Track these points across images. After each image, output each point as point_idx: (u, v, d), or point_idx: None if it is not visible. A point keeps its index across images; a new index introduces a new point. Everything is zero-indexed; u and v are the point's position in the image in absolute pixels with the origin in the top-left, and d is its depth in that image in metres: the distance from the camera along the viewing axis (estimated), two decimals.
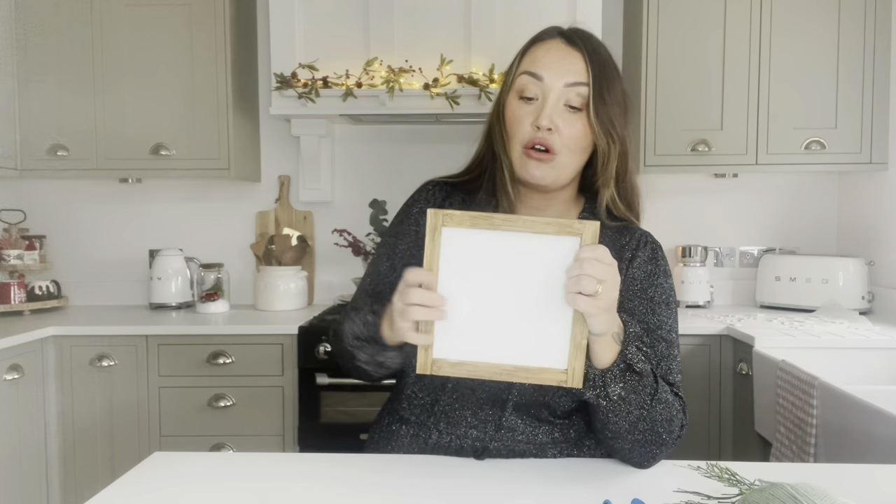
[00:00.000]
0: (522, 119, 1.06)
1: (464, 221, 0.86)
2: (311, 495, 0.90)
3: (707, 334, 2.26)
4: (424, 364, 0.88)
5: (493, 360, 0.87)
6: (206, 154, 2.54)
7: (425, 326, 0.88)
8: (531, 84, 1.06)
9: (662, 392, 0.98)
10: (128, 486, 0.93)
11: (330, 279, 2.87)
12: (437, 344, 0.88)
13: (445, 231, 0.86)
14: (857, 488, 0.92)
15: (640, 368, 0.94)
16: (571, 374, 0.87)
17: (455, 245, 0.86)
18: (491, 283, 0.87)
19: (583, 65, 1.05)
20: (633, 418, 0.96)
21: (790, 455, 1.73)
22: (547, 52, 1.08)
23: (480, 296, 0.87)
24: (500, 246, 0.86)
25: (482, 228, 0.86)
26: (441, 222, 0.86)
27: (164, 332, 2.31)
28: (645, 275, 1.09)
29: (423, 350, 0.88)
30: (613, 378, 0.93)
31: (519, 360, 0.87)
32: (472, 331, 0.88)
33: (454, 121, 2.64)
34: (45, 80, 2.54)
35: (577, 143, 1.06)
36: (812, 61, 2.43)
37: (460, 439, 1.06)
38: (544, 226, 0.86)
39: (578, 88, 1.04)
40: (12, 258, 2.62)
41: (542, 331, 0.87)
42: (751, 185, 2.82)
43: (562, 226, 0.86)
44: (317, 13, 2.47)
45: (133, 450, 2.30)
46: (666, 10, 2.45)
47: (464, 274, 0.87)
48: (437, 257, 0.86)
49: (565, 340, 0.87)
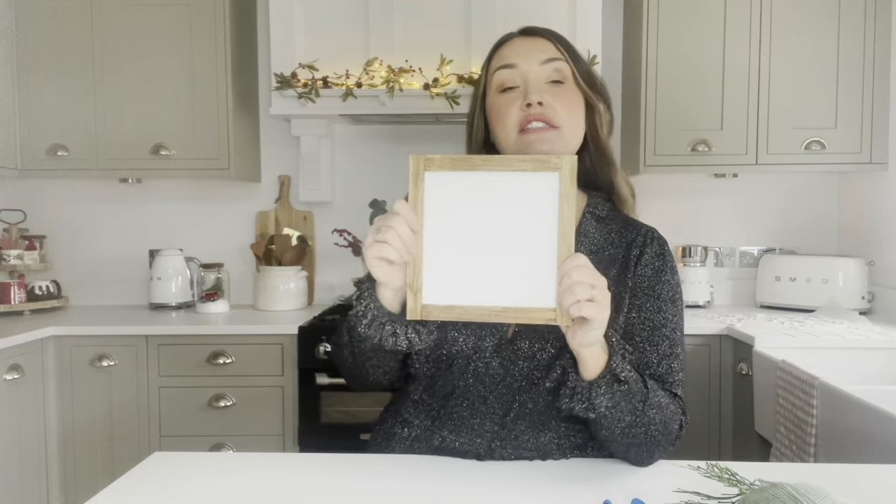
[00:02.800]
0: (509, 107, 1.08)
1: (444, 164, 0.87)
2: (311, 495, 0.90)
3: (707, 334, 2.26)
4: (414, 309, 0.88)
5: (482, 303, 0.87)
6: (206, 154, 2.55)
7: (413, 270, 0.87)
8: (508, 75, 1.10)
9: (655, 396, 0.97)
10: (128, 486, 0.93)
11: (330, 279, 2.87)
12: (426, 289, 0.88)
13: (428, 175, 0.87)
14: (857, 488, 0.92)
15: (626, 377, 0.92)
16: (559, 310, 0.87)
17: (437, 189, 0.87)
18: (475, 225, 0.87)
19: (551, 45, 1.11)
20: (626, 424, 0.95)
21: (790, 455, 1.73)
22: (512, 47, 1.13)
23: (465, 238, 0.88)
24: (482, 186, 0.87)
25: (463, 170, 0.87)
26: (423, 167, 0.87)
27: (164, 332, 2.31)
28: (653, 271, 1.09)
29: (413, 294, 0.87)
30: (600, 391, 0.91)
31: (508, 300, 0.87)
32: (460, 274, 0.88)
33: (454, 121, 2.64)
34: (45, 80, 2.54)
35: (571, 113, 1.09)
36: (812, 61, 2.43)
37: (464, 445, 1.05)
38: (522, 163, 0.87)
39: (554, 64, 1.09)
40: (12, 258, 2.62)
41: (528, 270, 0.87)
42: (751, 185, 2.81)
43: (539, 161, 0.87)
44: (317, 13, 2.47)
45: (133, 450, 2.30)
46: (666, 11, 2.45)
47: (448, 217, 0.88)
48: (422, 202, 0.87)
49: (552, 278, 0.86)
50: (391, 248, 0.87)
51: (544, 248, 0.86)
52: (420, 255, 0.88)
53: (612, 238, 1.12)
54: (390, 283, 0.92)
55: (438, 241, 0.87)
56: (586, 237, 1.11)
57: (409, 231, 0.87)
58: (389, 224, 0.87)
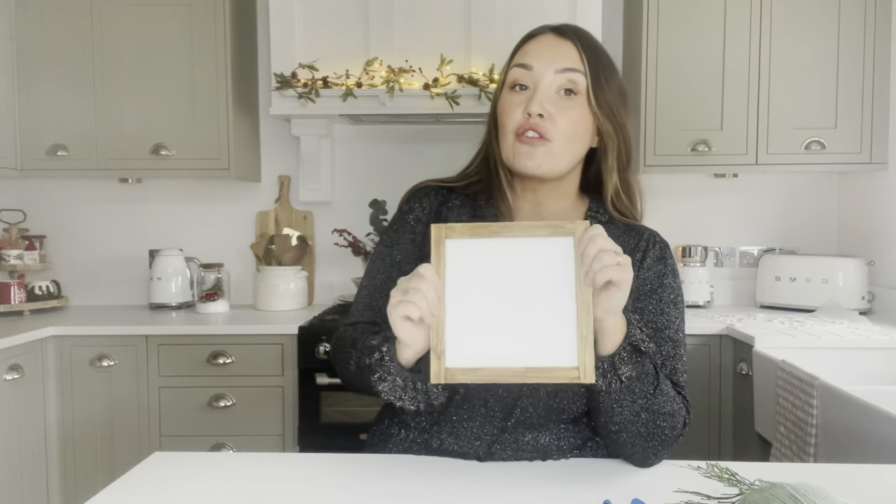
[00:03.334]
0: (513, 108, 1.06)
1: (465, 232, 0.90)
2: (311, 495, 0.90)
3: (707, 334, 2.26)
4: (438, 373, 0.89)
5: (504, 364, 0.89)
6: (206, 154, 2.55)
7: (437, 333, 0.89)
8: (522, 75, 1.07)
9: (663, 384, 0.98)
10: (128, 486, 0.93)
11: (330, 279, 2.87)
12: (449, 352, 0.89)
13: (449, 243, 0.90)
14: (857, 488, 0.92)
15: (646, 348, 0.95)
16: (583, 368, 0.88)
17: (458, 256, 0.90)
18: (495, 289, 0.90)
19: (575, 53, 1.06)
20: (637, 408, 0.95)
21: (790, 455, 1.73)
22: (537, 45, 1.09)
23: (486, 302, 0.90)
24: (501, 252, 0.90)
25: (482, 237, 0.90)
26: (444, 235, 0.90)
27: (164, 332, 2.31)
28: (655, 275, 1.09)
29: (436, 359, 0.89)
30: (622, 360, 0.93)
31: (530, 361, 0.89)
32: (482, 337, 0.90)
33: (454, 121, 2.64)
34: (45, 80, 2.54)
35: (572, 130, 1.05)
36: (812, 61, 2.43)
37: (463, 448, 1.04)
38: (539, 229, 0.90)
39: (570, 75, 1.05)
40: (12, 258, 2.62)
41: (548, 330, 0.89)
42: (751, 185, 2.82)
43: (555, 227, 0.90)
44: (317, 13, 2.47)
45: (133, 450, 2.30)
46: (666, 11, 2.45)
47: (469, 281, 0.90)
48: (444, 269, 0.90)
49: (572, 337, 0.88)
50: (417, 307, 0.88)
51: (563, 308, 0.89)
52: (443, 318, 0.90)
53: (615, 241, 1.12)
54: (413, 345, 0.93)
55: (460, 306, 0.90)
56: None
57: (434, 294, 0.88)
58: (416, 286, 0.88)
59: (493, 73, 2.38)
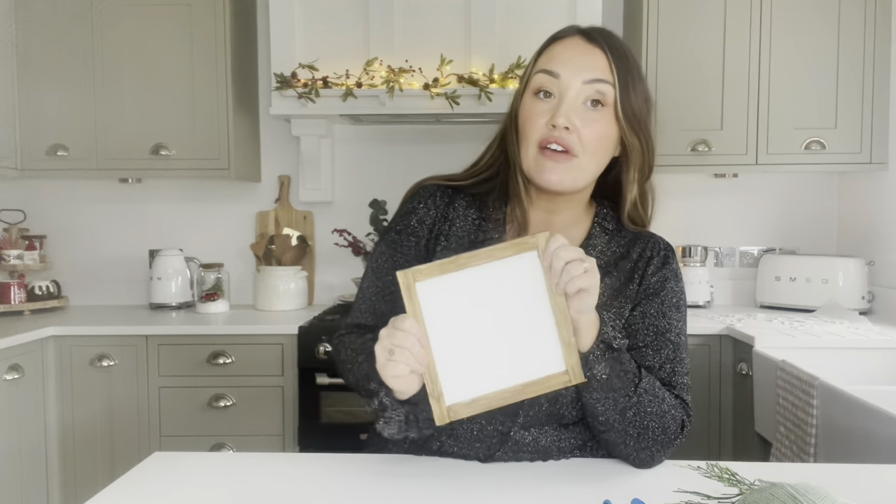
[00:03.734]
0: (537, 117, 1.02)
1: (433, 272, 0.91)
2: (311, 495, 0.90)
3: (707, 334, 2.26)
4: (441, 415, 0.91)
5: (500, 387, 0.91)
6: (206, 154, 2.55)
7: (430, 379, 0.91)
8: (548, 82, 1.02)
9: (647, 382, 0.98)
10: (128, 486, 0.93)
11: (330, 279, 2.87)
12: (446, 391, 0.91)
13: (420, 286, 0.90)
14: (857, 488, 0.92)
15: (619, 345, 0.95)
16: (572, 371, 0.91)
17: (432, 296, 0.91)
18: (474, 319, 0.92)
19: (604, 62, 1.01)
20: (621, 406, 0.96)
21: (790, 455, 1.73)
22: (564, 49, 1.03)
23: (469, 333, 0.92)
24: (472, 282, 0.91)
25: (451, 272, 0.91)
26: (413, 279, 0.90)
27: (164, 332, 2.31)
28: (658, 279, 1.09)
29: (436, 401, 0.91)
30: (596, 359, 0.93)
31: (523, 377, 0.91)
32: (474, 367, 0.92)
33: (454, 121, 2.64)
34: (45, 80, 2.54)
35: (596, 144, 1.02)
36: (812, 61, 2.43)
37: (463, 450, 1.04)
38: (503, 250, 0.91)
39: (598, 86, 1.01)
40: (12, 258, 2.62)
41: (533, 344, 0.92)
42: (751, 185, 2.81)
43: (518, 245, 0.91)
44: (317, 13, 2.47)
45: (133, 450, 2.30)
46: (666, 10, 2.45)
47: (448, 319, 0.91)
48: (420, 312, 0.91)
49: (556, 344, 0.91)
50: (405, 364, 0.89)
51: (542, 319, 0.91)
52: (433, 363, 0.91)
53: (620, 250, 1.12)
54: (411, 391, 0.93)
55: (445, 344, 0.91)
56: (594, 249, 1.11)
57: (418, 345, 0.89)
58: (399, 344, 0.88)
59: (493, 73, 2.38)
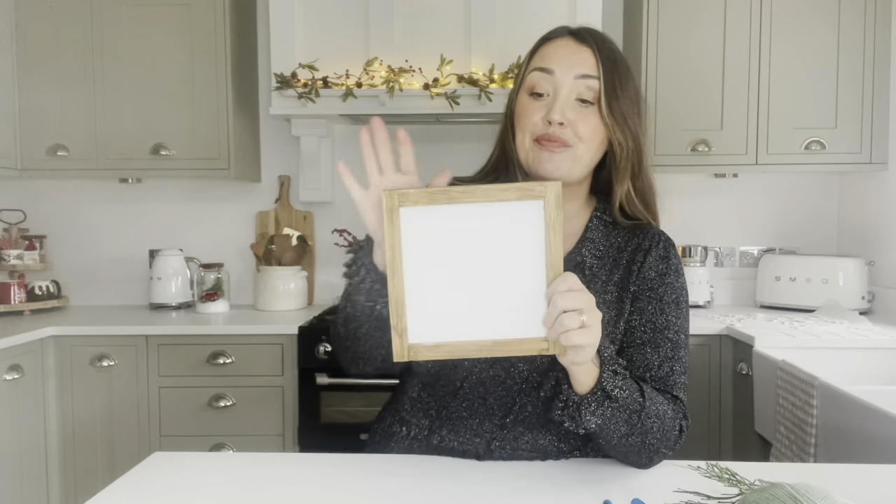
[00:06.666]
0: (532, 113, 1.05)
1: (421, 199, 0.82)
2: (311, 495, 0.90)
3: (707, 334, 2.26)
4: (401, 351, 0.84)
5: (471, 338, 0.84)
6: (206, 154, 2.55)
7: (396, 311, 0.84)
8: (542, 80, 1.05)
9: (653, 405, 0.95)
10: (128, 486, 0.93)
11: (330, 279, 2.87)
12: (411, 328, 0.84)
13: (403, 211, 0.82)
14: (857, 488, 0.92)
15: (617, 394, 0.91)
16: (552, 341, 0.85)
17: (415, 225, 0.83)
18: (458, 259, 0.83)
19: (593, 59, 1.04)
20: (622, 434, 0.94)
21: (790, 455, 1.73)
22: (556, 49, 1.07)
23: (449, 273, 0.84)
24: (463, 219, 0.83)
25: (441, 203, 0.82)
26: (398, 202, 0.82)
27: (164, 332, 2.31)
28: (656, 273, 1.09)
29: (398, 336, 0.84)
30: (589, 409, 0.90)
31: (497, 333, 0.84)
32: (446, 310, 0.84)
33: (454, 121, 2.64)
34: (45, 80, 2.54)
35: (591, 136, 1.04)
36: (812, 61, 2.43)
37: (463, 445, 1.05)
38: (504, 192, 0.82)
39: (588, 81, 1.03)
40: (12, 258, 2.62)
41: (516, 301, 0.84)
42: (751, 185, 2.82)
43: (523, 190, 0.82)
44: (317, 13, 2.47)
45: (133, 450, 2.30)
46: (666, 10, 2.45)
47: (428, 253, 0.84)
48: (398, 240, 0.83)
49: (541, 307, 0.84)
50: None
51: (533, 277, 0.83)
52: (402, 295, 0.84)
53: (619, 242, 1.12)
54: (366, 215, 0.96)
55: (420, 279, 0.83)
56: (591, 242, 1.11)
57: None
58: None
59: (493, 73, 2.38)
